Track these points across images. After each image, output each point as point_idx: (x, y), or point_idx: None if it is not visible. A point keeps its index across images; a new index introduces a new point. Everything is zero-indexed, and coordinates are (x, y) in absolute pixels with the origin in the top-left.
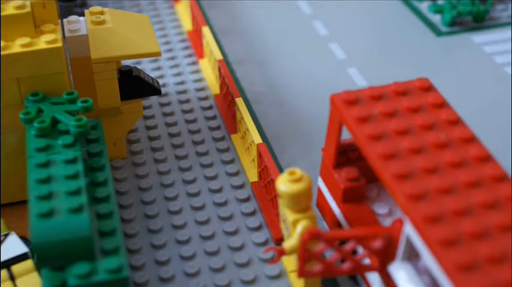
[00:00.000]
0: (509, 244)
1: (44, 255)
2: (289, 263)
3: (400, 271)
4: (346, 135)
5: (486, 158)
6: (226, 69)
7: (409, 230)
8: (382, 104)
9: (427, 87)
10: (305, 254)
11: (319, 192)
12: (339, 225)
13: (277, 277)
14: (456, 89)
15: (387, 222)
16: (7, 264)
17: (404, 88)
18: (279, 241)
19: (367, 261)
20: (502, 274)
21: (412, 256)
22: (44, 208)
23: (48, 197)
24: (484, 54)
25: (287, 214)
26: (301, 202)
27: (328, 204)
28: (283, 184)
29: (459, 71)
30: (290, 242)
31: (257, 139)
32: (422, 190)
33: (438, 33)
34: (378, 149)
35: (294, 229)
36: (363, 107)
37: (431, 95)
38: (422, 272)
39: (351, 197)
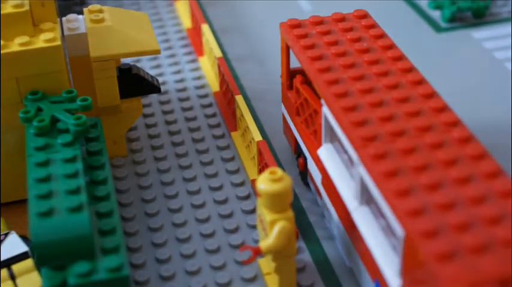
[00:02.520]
0: (493, 235)
1: (44, 254)
2: (265, 265)
3: (360, 214)
4: None
5: (451, 120)
6: (226, 67)
7: (362, 173)
8: (321, 27)
9: (363, 15)
10: None
11: (284, 119)
12: (298, 145)
13: None
14: (456, 85)
15: None
16: (7, 263)
17: (342, 16)
18: None
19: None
20: (483, 263)
21: (370, 200)
22: (43, 207)
23: (47, 196)
24: (484, 50)
25: (265, 214)
26: (280, 202)
27: (289, 126)
28: (263, 183)
29: (459, 67)
30: (267, 242)
31: (257, 137)
32: (374, 133)
33: (438, 29)
34: (315, 66)
35: (271, 229)
36: (304, 30)
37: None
38: (379, 215)
39: (303, 111)
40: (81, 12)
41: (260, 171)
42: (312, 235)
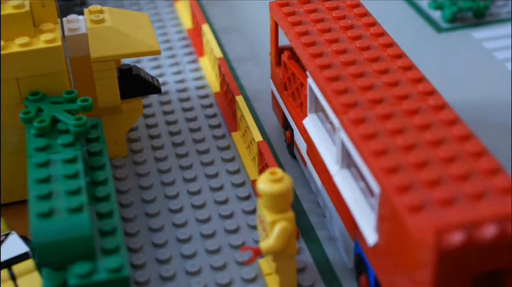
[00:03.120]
0: (459, 190)
1: (44, 255)
2: (265, 265)
3: (341, 177)
4: None
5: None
6: (226, 67)
7: (343, 137)
8: (308, 6)
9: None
10: None
11: (272, 95)
12: (286, 119)
13: None
14: (456, 85)
15: None
16: (8, 264)
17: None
18: None
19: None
20: (448, 214)
21: (350, 164)
22: (44, 207)
23: (48, 196)
24: (484, 50)
25: (265, 215)
26: (281, 202)
27: (278, 102)
28: (264, 184)
29: (459, 67)
30: (267, 243)
31: (258, 137)
32: (355, 100)
33: (438, 29)
34: (301, 40)
35: (272, 230)
36: (292, 8)
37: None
38: (358, 178)
39: (290, 85)
40: (81, 13)
41: (260, 171)
42: (313, 236)
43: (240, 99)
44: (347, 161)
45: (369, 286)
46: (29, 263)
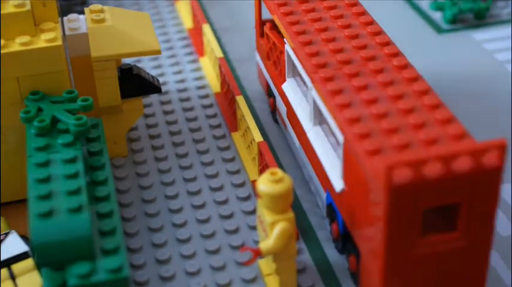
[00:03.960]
0: (414, 137)
1: (43, 255)
2: (265, 266)
3: (314, 133)
4: None
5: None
6: (226, 67)
7: (314, 96)
8: None
9: None
10: None
11: (258, 67)
12: (269, 87)
13: None
14: (457, 86)
15: None
16: (7, 263)
17: None
18: None
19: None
20: (402, 156)
21: (322, 120)
22: (43, 207)
23: (48, 196)
24: (485, 52)
25: (265, 215)
26: (281, 202)
27: (262, 72)
28: (264, 184)
29: (460, 68)
30: (267, 243)
31: (258, 137)
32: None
33: (439, 30)
34: (280, 10)
35: (272, 230)
36: None
37: None
38: (329, 134)
39: (272, 54)
40: (82, 12)
41: (260, 172)
42: (313, 236)
43: (240, 99)
44: (319, 118)
45: (339, 232)
46: (29, 262)
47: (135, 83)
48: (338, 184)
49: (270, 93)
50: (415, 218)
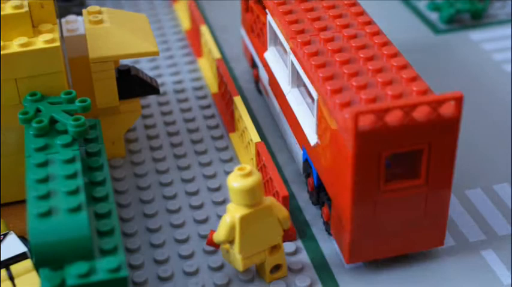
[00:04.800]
0: (382, 93)
1: (42, 255)
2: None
3: (292, 95)
4: None
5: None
6: (224, 68)
7: (292, 59)
8: None
9: None
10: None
11: (243, 41)
12: (254, 60)
13: None
14: (454, 86)
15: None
16: (6, 264)
17: None
18: None
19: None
20: (370, 107)
21: (300, 83)
22: (42, 207)
23: (46, 196)
24: (482, 52)
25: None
26: (255, 195)
27: (247, 45)
28: (236, 181)
29: (457, 69)
30: (217, 232)
31: (255, 138)
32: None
33: (436, 30)
34: None
35: (224, 219)
36: None
37: None
38: (306, 95)
39: (256, 27)
40: (80, 14)
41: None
42: (309, 234)
43: (238, 100)
44: (296, 81)
45: (314, 185)
46: (27, 263)
47: (133, 84)
48: (312, 139)
49: (254, 65)
50: (379, 163)
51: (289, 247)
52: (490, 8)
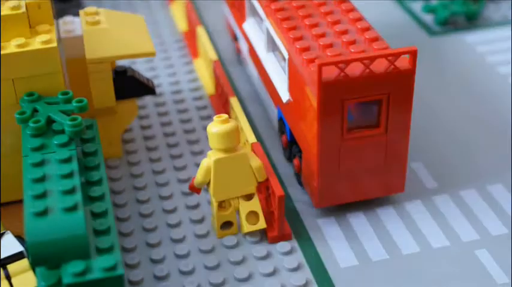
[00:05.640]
0: (346, 52)
1: (39, 254)
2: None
3: (267, 58)
4: None
5: None
6: (220, 69)
7: (268, 25)
8: None
9: None
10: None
11: (225, 17)
12: (235, 35)
13: (271, 274)
14: (448, 88)
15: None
16: (3, 263)
17: None
18: (273, 239)
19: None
20: (330, 52)
21: (275, 47)
22: (39, 206)
23: (43, 196)
24: (476, 54)
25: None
26: (230, 140)
27: (229, 20)
28: (214, 127)
29: (451, 71)
30: (196, 176)
31: (251, 138)
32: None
33: (431, 32)
34: None
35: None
36: None
37: None
38: (280, 59)
39: (237, 2)
40: (77, 15)
41: None
42: (305, 236)
43: (234, 100)
44: (271, 46)
45: (287, 141)
46: (24, 262)
47: (130, 85)
48: (285, 96)
49: (234, 37)
50: (342, 112)
51: (284, 246)
52: (485, 10)
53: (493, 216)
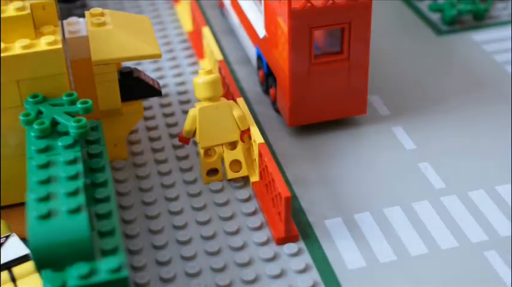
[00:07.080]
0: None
1: (42, 257)
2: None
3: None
4: None
5: None
6: (226, 70)
7: None
8: None
9: None
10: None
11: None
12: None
13: (278, 276)
14: (456, 87)
15: None
16: (8, 266)
17: None
18: (280, 240)
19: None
20: None
21: None
22: (42, 209)
23: (46, 198)
24: (484, 53)
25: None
26: (214, 89)
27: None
28: (200, 78)
29: (459, 70)
30: (184, 126)
31: (258, 139)
32: None
33: (438, 32)
34: None
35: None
36: None
37: None
38: (258, 4)
39: None
40: (82, 16)
41: (261, 173)
42: (312, 236)
43: (240, 101)
44: None
45: (264, 75)
46: (29, 265)
47: (135, 86)
48: (261, 32)
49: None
50: (310, 39)
51: (291, 248)
52: (492, 9)
53: (501, 217)
